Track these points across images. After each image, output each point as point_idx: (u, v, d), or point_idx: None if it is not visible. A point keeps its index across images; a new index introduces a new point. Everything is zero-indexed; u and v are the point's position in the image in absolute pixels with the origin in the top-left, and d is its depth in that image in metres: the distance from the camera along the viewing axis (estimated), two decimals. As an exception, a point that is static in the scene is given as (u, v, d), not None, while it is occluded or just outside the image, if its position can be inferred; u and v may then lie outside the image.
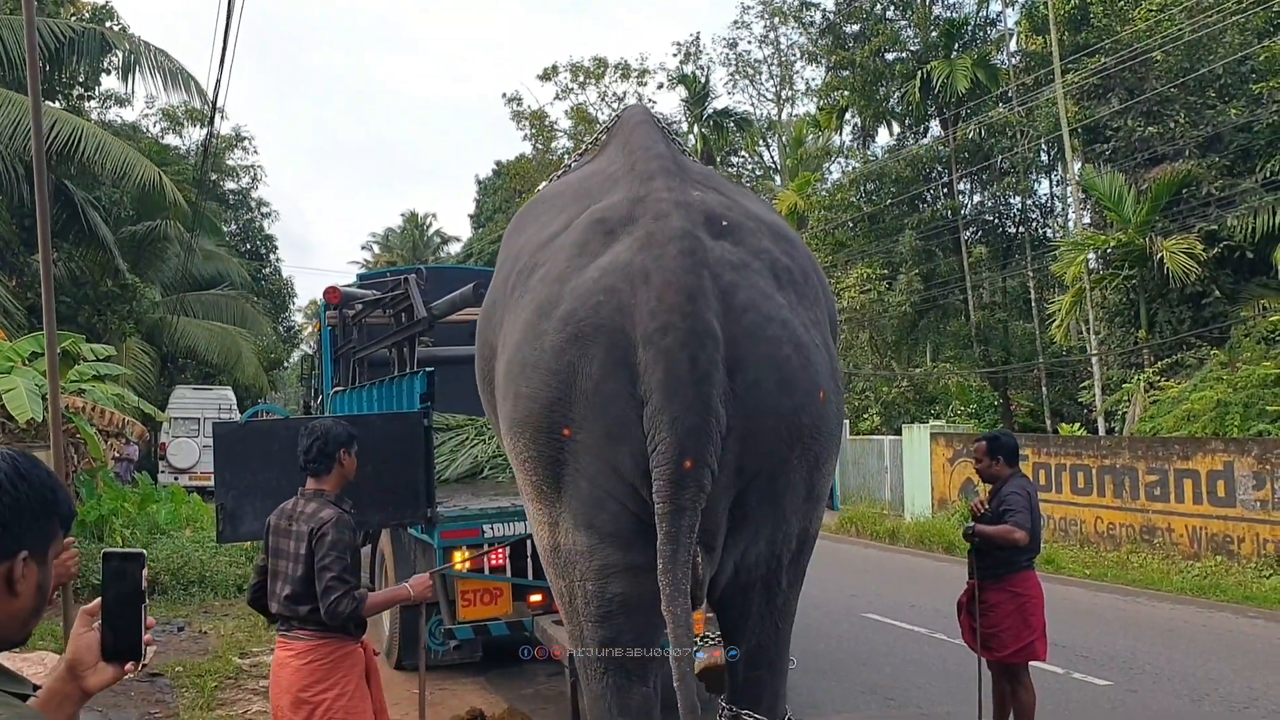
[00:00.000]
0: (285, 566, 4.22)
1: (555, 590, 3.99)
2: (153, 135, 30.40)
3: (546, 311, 3.70)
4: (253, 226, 38.10)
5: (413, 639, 7.73)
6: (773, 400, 3.61)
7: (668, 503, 3.41)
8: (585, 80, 33.82)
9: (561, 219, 4.12)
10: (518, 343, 3.79)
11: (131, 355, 22.26)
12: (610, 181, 4.22)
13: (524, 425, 3.70)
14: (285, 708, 4.18)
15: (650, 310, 3.47)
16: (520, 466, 3.82)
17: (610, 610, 3.73)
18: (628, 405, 3.50)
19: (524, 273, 4.00)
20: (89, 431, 13.72)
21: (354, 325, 10.24)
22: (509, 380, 3.81)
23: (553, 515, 3.76)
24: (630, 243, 3.69)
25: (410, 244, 50.84)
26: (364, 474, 5.93)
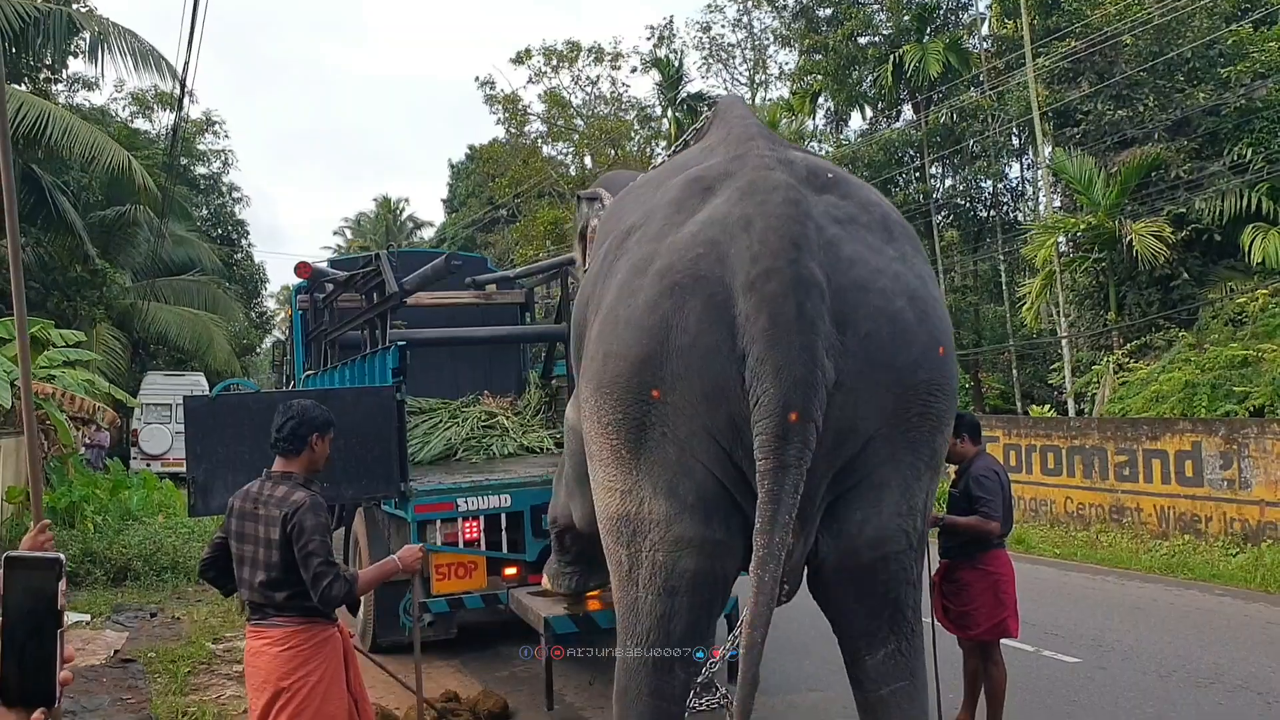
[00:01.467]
0: (253, 552, 4.13)
1: (613, 558, 3.78)
2: (122, 119, 30.08)
3: (642, 268, 3.55)
4: (224, 211, 37.77)
5: (389, 619, 7.74)
6: (888, 354, 3.41)
7: (771, 458, 3.19)
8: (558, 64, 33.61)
9: (654, 198, 3.96)
10: (611, 304, 3.62)
11: (102, 341, 22.07)
12: (707, 152, 4.09)
13: (612, 385, 3.52)
14: (259, 698, 4.12)
15: (752, 255, 3.31)
16: (601, 431, 3.63)
17: (676, 586, 3.56)
18: (727, 361, 3.31)
19: (621, 239, 3.84)
20: (59, 418, 13.64)
21: (325, 308, 10.21)
22: (599, 341, 3.64)
23: (628, 482, 3.58)
24: (729, 194, 3.54)
25: (383, 229, 50.58)
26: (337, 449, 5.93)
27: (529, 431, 9.84)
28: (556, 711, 6.40)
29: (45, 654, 1.35)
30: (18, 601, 1.34)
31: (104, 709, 6.60)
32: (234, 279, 35.16)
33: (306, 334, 10.76)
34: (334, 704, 4.20)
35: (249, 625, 4.24)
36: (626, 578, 3.68)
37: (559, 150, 35.53)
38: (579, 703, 6.68)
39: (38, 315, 16.57)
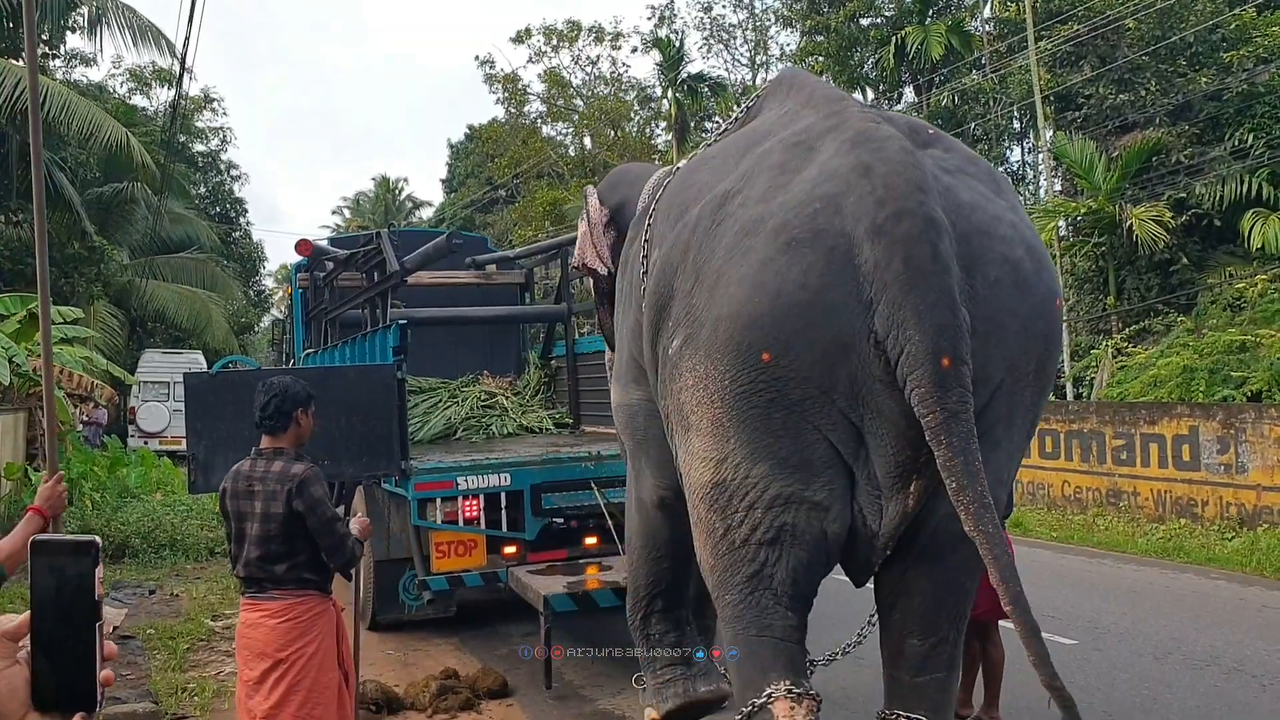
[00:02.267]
0: (252, 528, 4.19)
1: (704, 525, 3.65)
2: (120, 96, 29.95)
3: (752, 229, 3.35)
4: (222, 189, 37.65)
5: (388, 597, 7.77)
6: (1014, 301, 3.27)
7: (937, 409, 2.99)
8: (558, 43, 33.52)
9: (742, 165, 3.73)
10: (719, 267, 3.43)
11: (99, 318, 22.05)
12: (790, 117, 3.89)
13: (723, 349, 3.34)
14: (254, 671, 4.17)
15: (877, 200, 3.14)
16: (705, 399, 3.46)
17: (775, 537, 3.43)
18: (852, 315, 3.13)
19: (713, 209, 3.61)
20: (56, 395, 13.62)
21: (325, 286, 10.20)
22: (708, 306, 3.44)
23: (723, 450, 3.46)
24: (837, 147, 3.38)
25: (382, 208, 50.46)
26: (337, 427, 5.96)
27: (528, 411, 9.86)
28: (555, 689, 6.42)
29: (83, 651, 1.16)
30: (48, 592, 1.15)
31: (104, 684, 6.61)
32: (232, 257, 35.09)
33: (306, 312, 10.76)
34: (328, 675, 4.30)
35: (244, 599, 4.30)
36: (720, 541, 3.57)
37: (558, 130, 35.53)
38: (578, 680, 6.71)
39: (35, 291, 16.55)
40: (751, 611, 3.54)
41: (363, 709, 6.02)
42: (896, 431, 3.24)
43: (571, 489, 7.24)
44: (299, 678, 4.17)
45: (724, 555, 3.57)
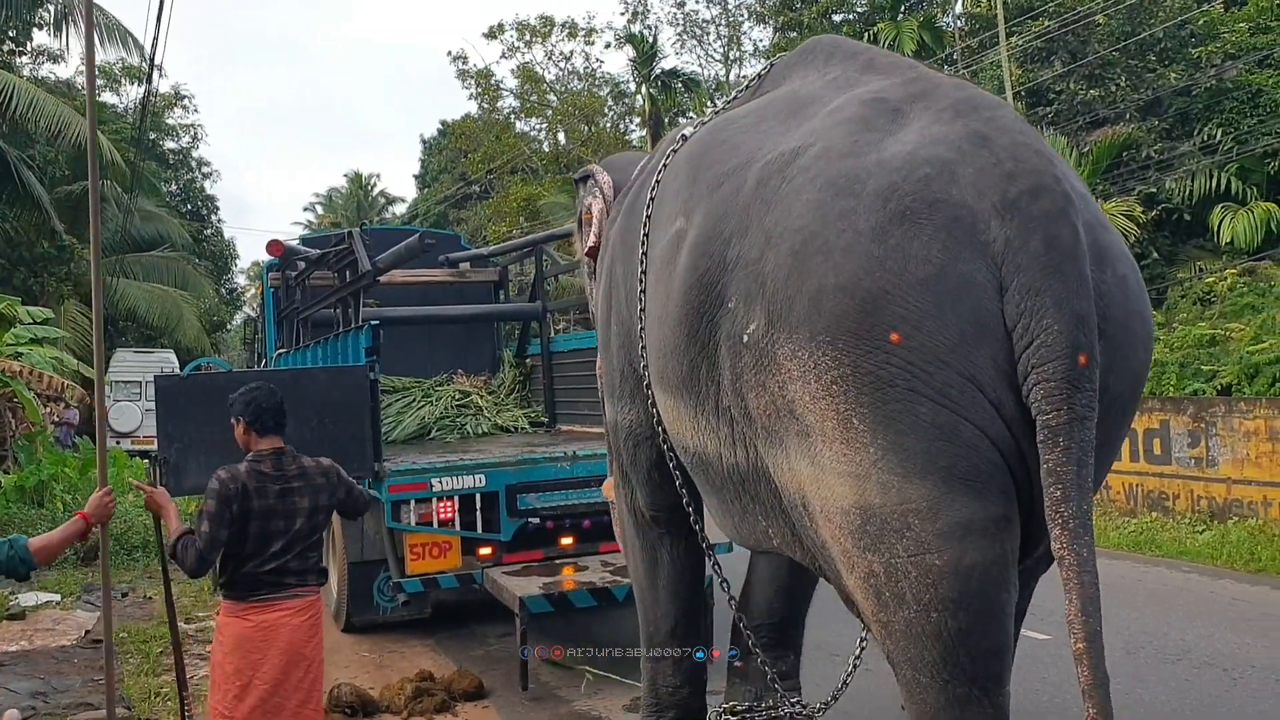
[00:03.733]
0: (287, 525, 4.18)
1: (859, 569, 2.84)
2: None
3: (848, 188, 2.85)
4: (193, 187, 37.37)
5: (363, 598, 7.75)
6: (1138, 303, 2.96)
7: (1064, 410, 2.62)
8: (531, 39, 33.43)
9: (804, 124, 3.26)
10: (811, 229, 2.86)
11: (70, 318, 21.83)
12: (846, 81, 3.46)
13: (836, 329, 2.74)
14: (275, 671, 4.15)
15: (1005, 172, 2.78)
16: (822, 393, 2.78)
17: (968, 590, 2.70)
18: (984, 293, 2.71)
19: (780, 167, 3.09)
20: (27, 396, 13.52)
21: (298, 285, 10.15)
22: (803, 277, 2.83)
23: (862, 462, 2.73)
24: (937, 115, 2.99)
25: (354, 205, 50.20)
26: (309, 428, 5.93)
27: (503, 411, 9.84)
28: (531, 691, 6.41)
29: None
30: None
31: (75, 690, 6.57)
32: (204, 255, 34.83)
33: (278, 312, 10.69)
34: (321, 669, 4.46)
35: (249, 602, 4.20)
36: (889, 595, 2.78)
37: (532, 126, 35.45)
38: (554, 682, 6.70)
39: (4, 292, 16.40)
40: (958, 709, 2.79)
41: (338, 712, 6.00)
42: (1031, 430, 2.77)
43: (547, 489, 7.23)
44: (318, 673, 4.34)
45: (895, 617, 2.80)
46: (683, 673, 4.73)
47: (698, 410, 3.39)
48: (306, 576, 4.27)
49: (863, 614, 2.95)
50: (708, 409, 3.32)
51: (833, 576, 3.04)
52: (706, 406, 3.33)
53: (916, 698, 2.83)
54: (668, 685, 4.74)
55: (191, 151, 37.55)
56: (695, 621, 4.81)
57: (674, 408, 3.62)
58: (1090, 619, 2.57)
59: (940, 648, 2.73)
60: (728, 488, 3.42)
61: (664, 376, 3.63)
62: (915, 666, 2.79)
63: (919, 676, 2.80)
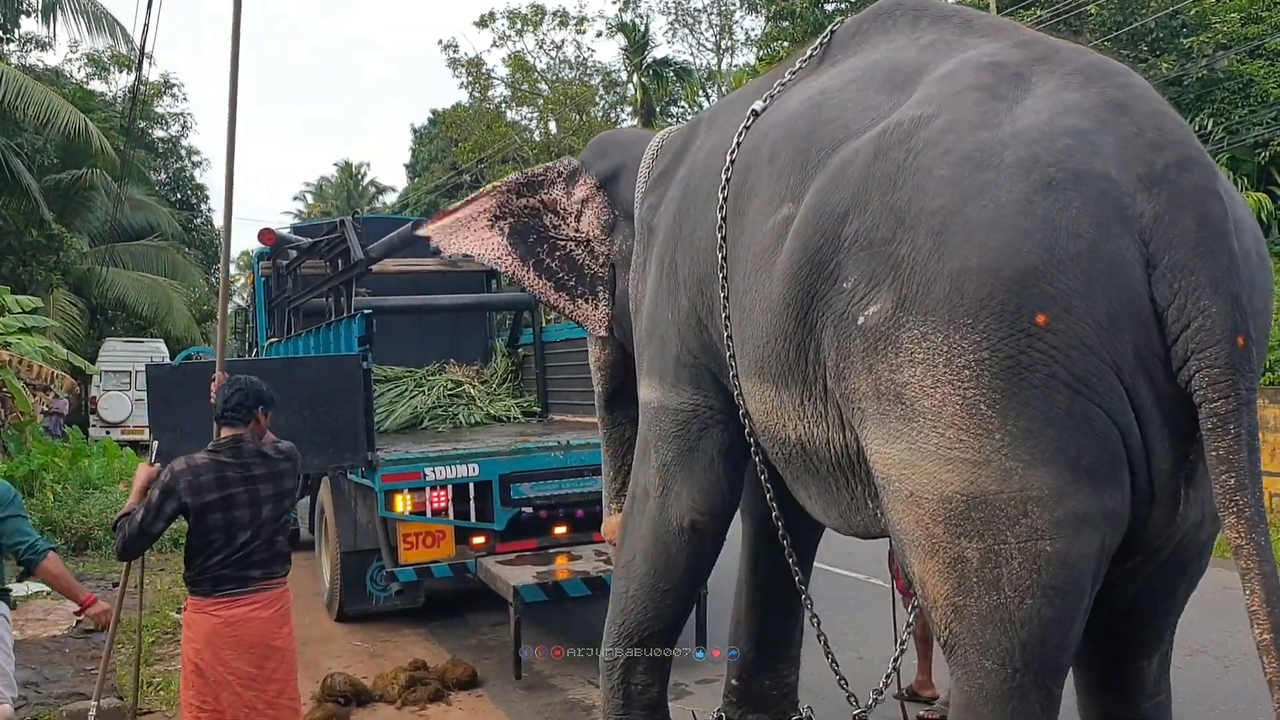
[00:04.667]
0: (249, 515, 4.12)
1: (944, 555, 2.77)
2: (77, 81, 29.49)
3: (985, 161, 2.71)
4: (183, 176, 37.17)
5: (356, 587, 7.74)
6: (1265, 280, 2.82)
7: (1230, 395, 2.51)
8: (523, 27, 33.30)
9: (915, 91, 3.08)
10: (943, 206, 2.73)
11: (59, 307, 21.73)
12: (948, 45, 3.27)
13: (976, 311, 2.62)
14: (248, 665, 4.12)
15: (1150, 143, 2.66)
16: (952, 378, 2.67)
17: (1069, 580, 2.67)
18: (1133, 272, 2.59)
19: (901, 139, 2.90)
20: (16, 385, 13.45)
21: (289, 274, 10.11)
22: (939, 255, 2.70)
23: (983, 449, 2.65)
24: (1064, 81, 2.86)
25: (344, 194, 50.04)
26: (302, 418, 5.92)
27: (495, 400, 9.83)
28: (525, 680, 6.41)
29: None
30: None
31: (67, 680, 6.56)
32: (194, 244, 34.67)
33: (269, 301, 10.65)
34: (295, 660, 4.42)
35: (215, 598, 4.14)
36: (977, 580, 2.72)
37: (523, 115, 35.31)
38: (547, 670, 6.70)
39: (-5, 281, 16.33)
40: (1038, 696, 2.78)
41: (331, 701, 6.01)
42: (1168, 420, 2.69)
43: (540, 479, 7.22)
44: (292, 663, 4.29)
45: (978, 602, 2.74)
46: (656, 671, 4.58)
47: (805, 397, 3.25)
48: (273, 567, 4.20)
49: (929, 597, 2.85)
50: (815, 394, 3.19)
51: (902, 558, 2.96)
52: (814, 391, 3.19)
53: (975, 682, 2.79)
54: (639, 683, 4.54)
55: (181, 140, 37.35)
56: (676, 631, 4.61)
57: (774, 397, 3.42)
58: (1275, 608, 2.47)
59: (1022, 635, 2.69)
60: (837, 475, 3.30)
61: (763, 366, 3.41)
62: (984, 652, 2.75)
63: (984, 662, 2.75)
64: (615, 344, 5.10)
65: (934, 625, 2.88)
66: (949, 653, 2.87)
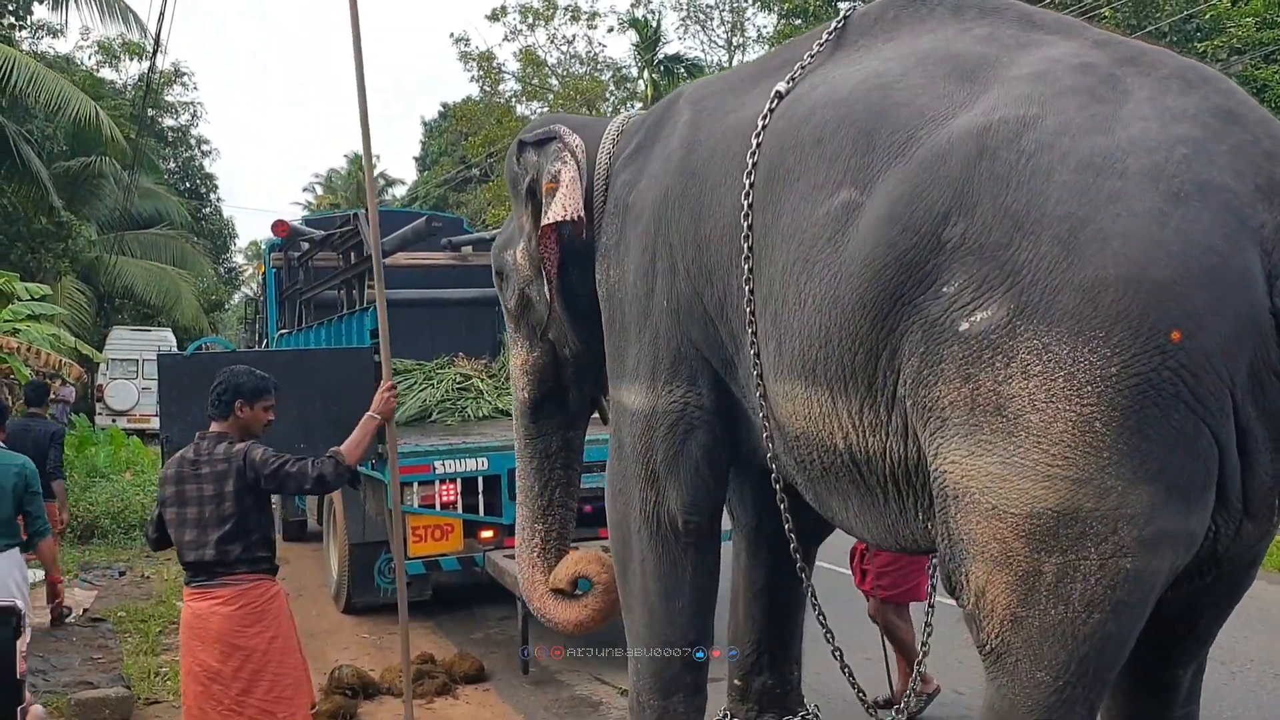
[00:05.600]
0: (198, 513, 4.12)
1: (1017, 568, 2.68)
2: (88, 68, 29.52)
3: (1108, 168, 2.62)
4: (193, 165, 37.21)
5: (364, 580, 7.74)
6: None
7: None
8: (534, 22, 33.27)
9: (1009, 89, 2.94)
10: (1069, 214, 2.62)
11: (67, 295, 21.75)
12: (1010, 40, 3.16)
13: (1109, 324, 2.51)
14: (212, 660, 4.09)
15: (1266, 152, 2.62)
16: (1066, 392, 2.56)
17: (1140, 596, 2.64)
18: (1258, 287, 2.53)
19: (1008, 140, 2.78)
20: (24, 372, 13.44)
21: (300, 266, 10.11)
22: (1067, 264, 2.59)
23: (1089, 465, 2.56)
24: (1160, 84, 2.79)
25: (354, 185, 49.95)
26: (313, 410, 5.92)
27: (504, 394, 9.79)
28: (532, 674, 6.42)
29: None
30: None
31: (74, 668, 6.56)
32: (202, 234, 34.74)
33: (280, 292, 10.65)
34: (292, 659, 4.26)
35: (190, 588, 4.20)
36: (1047, 594, 2.66)
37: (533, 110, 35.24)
38: (554, 665, 6.69)
39: (2, 268, 16.32)
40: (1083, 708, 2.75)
41: (338, 693, 6.00)
42: (1273, 433, 2.65)
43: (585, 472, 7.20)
44: (262, 664, 4.12)
45: (1041, 616, 2.69)
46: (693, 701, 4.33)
47: (865, 403, 3.04)
48: (235, 566, 4.13)
49: (987, 606, 2.78)
50: (880, 401, 3.00)
51: (958, 567, 2.84)
52: (879, 399, 3.00)
53: (1023, 693, 2.74)
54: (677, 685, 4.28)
55: (191, 129, 37.41)
56: (708, 646, 4.33)
57: (824, 402, 3.18)
58: None
59: (1082, 649, 2.65)
60: (888, 487, 3.13)
61: (812, 368, 3.17)
62: (1039, 663, 2.70)
63: (1037, 673, 2.70)
64: (545, 346, 4.85)
65: (980, 632, 2.82)
66: (993, 659, 2.81)
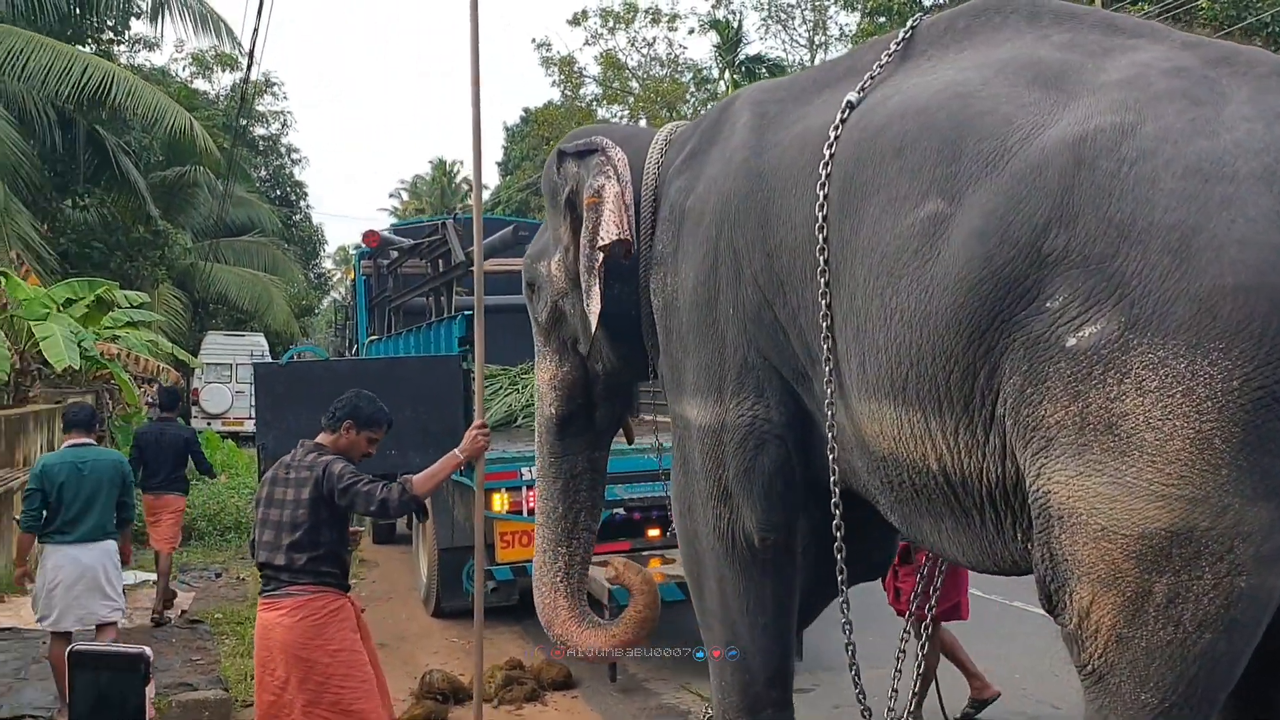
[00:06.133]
0: (278, 515, 4.22)
1: (1130, 591, 2.61)
2: (182, 80, 30.33)
3: (1217, 173, 2.57)
4: (283, 173, 38.09)
5: (453, 584, 7.81)
6: None
7: None
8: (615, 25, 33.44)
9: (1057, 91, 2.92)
10: (1185, 223, 2.53)
11: (163, 301, 22.37)
12: (1093, 45, 3.08)
13: (1230, 337, 2.45)
14: (280, 670, 4.13)
15: None
16: (1183, 409, 2.48)
17: (1254, 615, 2.59)
18: None
19: (1108, 147, 2.70)
20: (124, 378, 13.87)
21: (389, 274, 10.25)
22: (1182, 275, 2.52)
23: (1206, 484, 2.49)
24: (1257, 84, 2.75)
25: (438, 191, 50.76)
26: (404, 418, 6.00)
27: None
28: (620, 682, 6.41)
29: None
30: (87, 711, 0.97)
31: (175, 669, 6.71)
32: (292, 240, 35.51)
33: (370, 299, 10.82)
34: (361, 671, 4.24)
35: (261, 599, 4.29)
36: (1156, 614, 2.58)
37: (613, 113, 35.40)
38: (642, 674, 6.69)
39: (102, 276, 16.83)
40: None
41: (429, 698, 6.07)
42: None
43: (634, 480, 7.19)
44: (325, 676, 4.14)
45: (1150, 636, 2.60)
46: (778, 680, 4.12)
47: (962, 424, 2.94)
48: (300, 575, 4.16)
49: (1090, 625, 2.70)
50: (977, 421, 2.90)
51: (1061, 588, 2.77)
52: (976, 419, 2.90)
53: (1125, 715, 2.67)
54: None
55: (281, 138, 38.24)
56: (791, 665, 4.16)
57: (915, 423, 3.07)
58: None
59: (1191, 670, 2.56)
60: (984, 509, 3.03)
61: (901, 387, 3.06)
62: (1144, 684, 2.62)
63: (1142, 694, 2.62)
64: (576, 360, 4.73)
65: (1082, 652, 2.73)
66: (1095, 680, 2.73)
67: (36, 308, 11.79)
